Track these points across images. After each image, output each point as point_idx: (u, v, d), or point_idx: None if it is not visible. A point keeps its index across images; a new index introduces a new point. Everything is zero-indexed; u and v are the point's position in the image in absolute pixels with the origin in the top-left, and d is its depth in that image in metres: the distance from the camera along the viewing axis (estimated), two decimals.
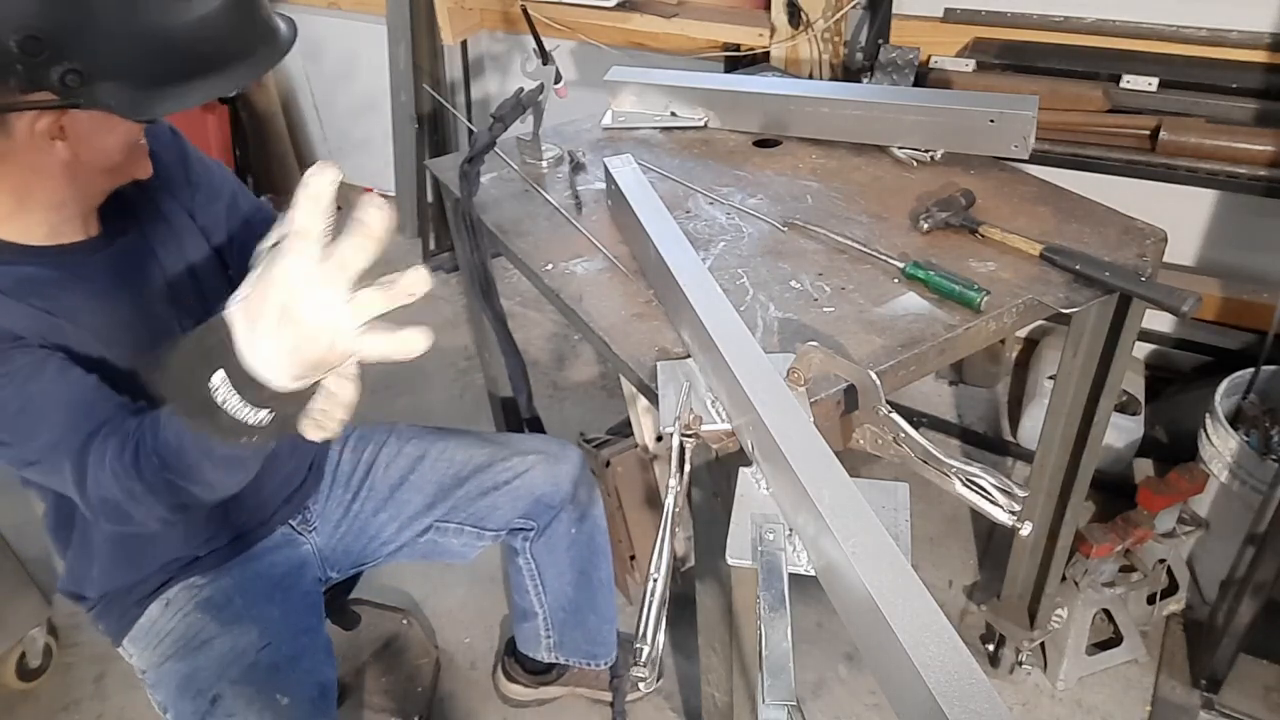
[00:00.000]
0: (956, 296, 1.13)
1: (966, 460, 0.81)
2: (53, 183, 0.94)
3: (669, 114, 1.67)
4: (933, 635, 0.64)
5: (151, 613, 1.21)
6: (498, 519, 1.44)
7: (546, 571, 1.53)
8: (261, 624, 1.22)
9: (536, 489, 1.43)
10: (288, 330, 0.65)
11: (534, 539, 1.49)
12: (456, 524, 1.43)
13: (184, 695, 1.16)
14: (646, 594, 0.78)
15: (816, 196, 1.41)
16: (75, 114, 0.87)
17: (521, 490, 1.43)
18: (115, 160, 0.97)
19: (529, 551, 1.50)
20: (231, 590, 1.23)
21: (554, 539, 1.49)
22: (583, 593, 1.56)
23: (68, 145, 0.90)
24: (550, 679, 1.76)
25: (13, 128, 0.86)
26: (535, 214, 1.43)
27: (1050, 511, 1.54)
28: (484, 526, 1.44)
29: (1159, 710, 1.68)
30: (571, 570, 1.53)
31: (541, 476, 1.44)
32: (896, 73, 1.95)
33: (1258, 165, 1.66)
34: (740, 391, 0.90)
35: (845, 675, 1.79)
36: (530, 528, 1.47)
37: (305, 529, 1.36)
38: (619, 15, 2.30)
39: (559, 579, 1.54)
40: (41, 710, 1.86)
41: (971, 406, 2.43)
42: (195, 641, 1.18)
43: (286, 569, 1.30)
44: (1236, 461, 1.70)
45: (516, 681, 1.77)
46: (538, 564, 1.52)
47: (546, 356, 2.74)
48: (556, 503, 1.46)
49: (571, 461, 1.47)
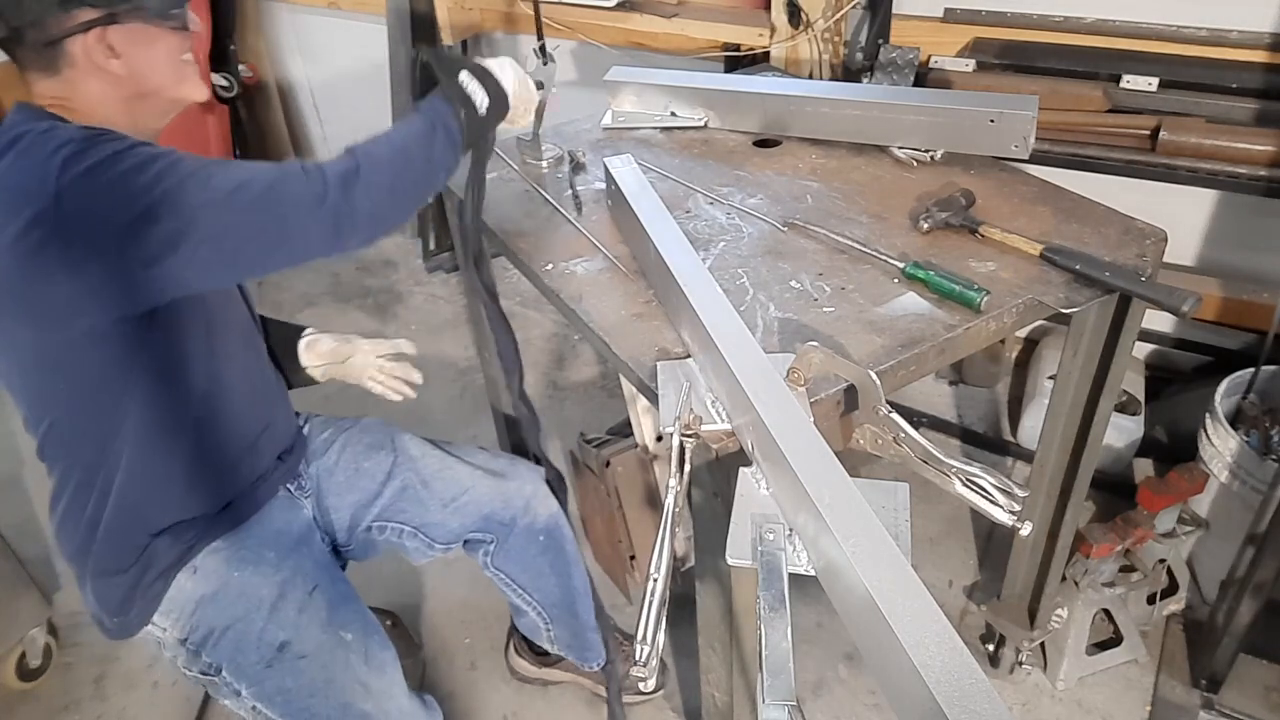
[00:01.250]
0: (956, 296, 1.13)
1: (966, 460, 0.81)
2: (123, 105, 1.04)
3: (669, 114, 1.67)
4: (933, 635, 0.64)
5: (180, 582, 1.20)
6: (443, 533, 1.45)
7: (520, 578, 1.54)
8: (302, 572, 1.24)
9: (483, 507, 1.45)
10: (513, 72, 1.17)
11: (494, 553, 1.50)
12: (399, 524, 1.43)
13: (242, 649, 1.18)
14: (646, 594, 0.78)
15: (816, 196, 1.41)
16: (116, 30, 0.99)
17: (468, 508, 1.44)
18: (166, 76, 1.05)
19: (492, 566, 1.53)
20: (259, 546, 1.24)
21: (515, 550, 1.50)
22: (568, 588, 1.58)
23: (122, 62, 1.01)
24: (552, 662, 1.79)
25: (73, 53, 0.98)
26: (535, 214, 1.43)
27: (1050, 511, 1.54)
28: (432, 537, 1.45)
29: (1159, 710, 1.68)
30: (551, 571, 1.54)
31: (487, 494, 1.45)
32: (896, 73, 1.95)
33: (1258, 165, 1.66)
34: (740, 391, 0.90)
35: (845, 675, 1.79)
36: (489, 539, 1.49)
37: (302, 494, 1.38)
38: (619, 15, 2.30)
39: (539, 579, 1.55)
40: (41, 710, 1.86)
41: (971, 406, 2.43)
42: (241, 596, 1.20)
43: (300, 527, 1.32)
44: (1236, 461, 1.70)
45: (524, 658, 1.81)
46: (506, 574, 1.54)
47: (546, 356, 2.74)
48: (508, 519, 1.47)
49: (522, 479, 1.48)
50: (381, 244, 3.37)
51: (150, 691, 1.87)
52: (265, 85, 3.43)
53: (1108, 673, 1.75)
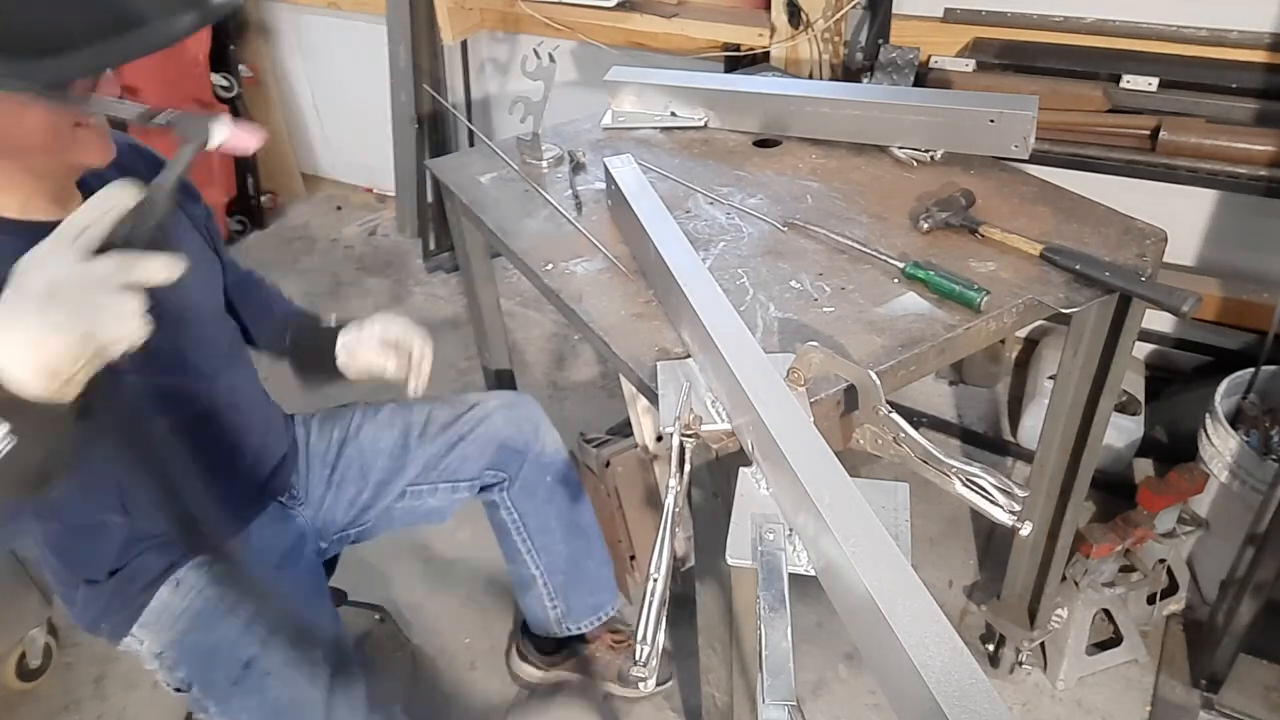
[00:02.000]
0: (956, 296, 1.13)
1: (966, 460, 0.81)
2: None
3: (669, 114, 1.67)
4: (933, 635, 0.64)
5: (162, 595, 1.21)
6: (468, 469, 1.49)
7: (532, 525, 1.57)
8: (279, 589, 1.25)
9: (500, 434, 1.49)
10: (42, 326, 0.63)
11: (509, 487, 1.54)
12: (430, 484, 1.48)
13: (212, 665, 1.17)
14: (646, 594, 0.78)
15: (816, 196, 1.41)
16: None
17: (485, 436, 1.48)
18: (39, 140, 0.89)
19: (509, 501, 1.55)
20: (242, 563, 1.25)
21: (529, 486, 1.53)
22: (574, 543, 1.60)
23: None
24: (559, 659, 1.79)
25: None
26: (535, 214, 1.43)
27: (1050, 511, 1.54)
28: (456, 479, 1.49)
29: (1159, 710, 1.68)
30: (558, 524, 1.57)
31: (502, 421, 1.49)
32: (896, 73, 1.95)
33: (1258, 165, 1.66)
34: (740, 391, 0.90)
35: (845, 675, 1.79)
36: (502, 479, 1.52)
37: (294, 504, 1.39)
38: (619, 15, 2.30)
39: (547, 535, 1.57)
40: (41, 710, 1.86)
41: (971, 406, 2.43)
42: (217, 613, 1.19)
43: (289, 540, 1.33)
44: (1236, 461, 1.70)
45: (528, 661, 1.81)
46: (520, 513, 1.56)
47: (546, 356, 2.74)
48: (522, 445, 1.50)
49: (529, 406, 1.54)
50: (381, 243, 3.37)
51: (150, 691, 1.87)
52: (265, 85, 3.43)
53: (1108, 673, 1.75)
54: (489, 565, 2.03)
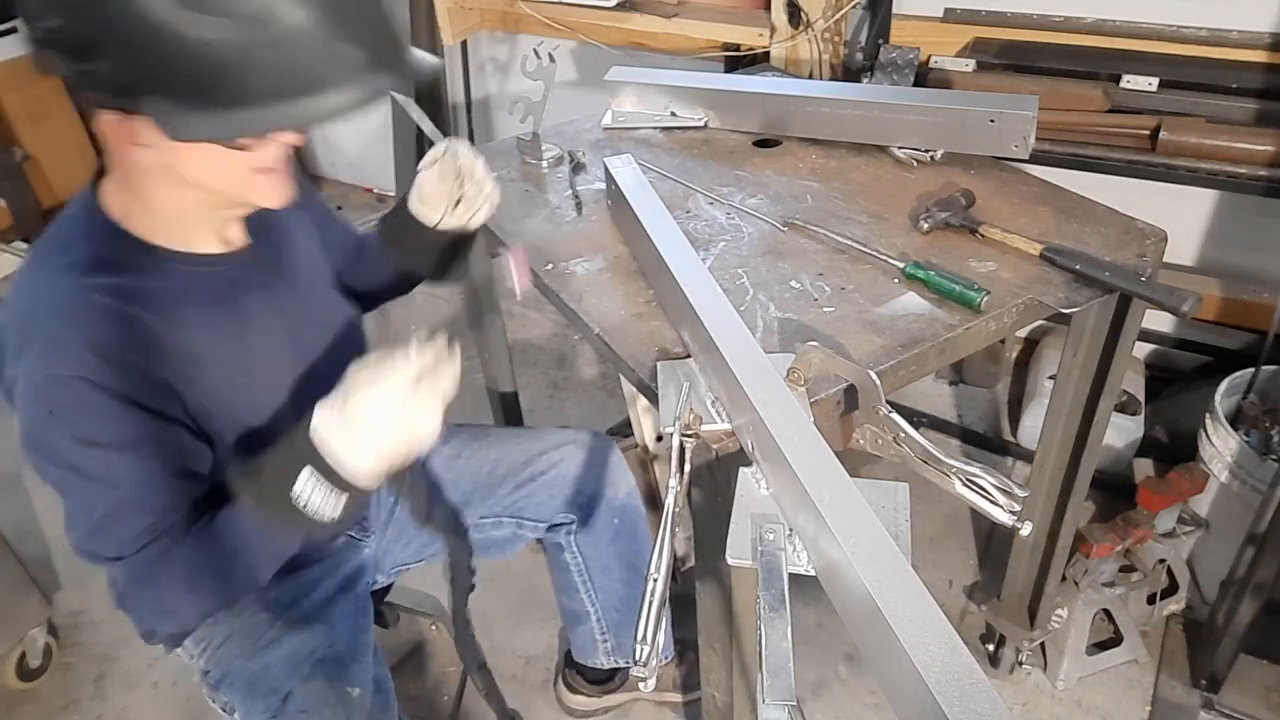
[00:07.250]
0: (956, 296, 1.13)
1: (966, 460, 0.81)
2: (163, 190, 0.92)
3: (669, 114, 1.67)
4: (933, 635, 0.64)
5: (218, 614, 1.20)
6: (537, 510, 1.44)
7: (593, 566, 1.52)
8: (327, 624, 1.23)
9: (574, 478, 1.44)
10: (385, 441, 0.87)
11: (576, 531, 1.48)
12: (495, 517, 1.43)
13: (254, 694, 1.16)
14: (646, 594, 0.78)
15: (816, 196, 1.41)
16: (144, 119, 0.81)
17: (561, 480, 1.43)
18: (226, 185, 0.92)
19: (574, 545, 1.50)
20: (298, 591, 1.24)
21: (596, 530, 1.48)
22: (634, 587, 1.54)
23: (154, 153, 0.86)
24: (613, 686, 1.74)
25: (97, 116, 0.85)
26: (535, 214, 1.43)
27: (1050, 511, 1.54)
28: (524, 517, 1.44)
29: (1159, 710, 1.68)
30: (619, 565, 1.52)
31: (576, 465, 1.44)
32: (896, 73, 1.95)
33: (1258, 165, 1.66)
34: (740, 391, 0.90)
35: (845, 675, 1.79)
36: (570, 521, 1.47)
37: (363, 535, 1.36)
38: (619, 15, 2.30)
39: (606, 575, 1.53)
40: (41, 710, 1.86)
41: (971, 406, 2.43)
42: (263, 641, 1.19)
43: (348, 572, 1.31)
44: (1236, 461, 1.70)
45: (579, 692, 1.75)
46: (584, 557, 1.51)
47: (546, 356, 2.74)
48: (595, 490, 1.46)
49: (605, 448, 1.48)
50: None
51: (150, 691, 1.87)
52: None
53: (1108, 673, 1.75)
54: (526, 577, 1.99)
